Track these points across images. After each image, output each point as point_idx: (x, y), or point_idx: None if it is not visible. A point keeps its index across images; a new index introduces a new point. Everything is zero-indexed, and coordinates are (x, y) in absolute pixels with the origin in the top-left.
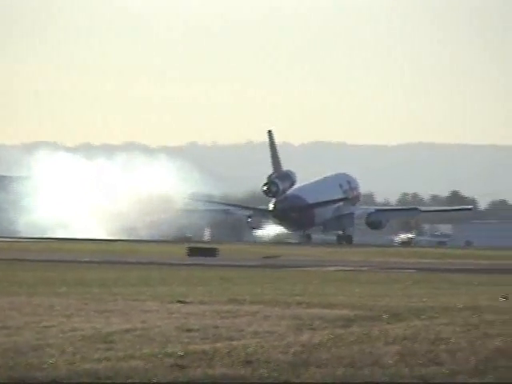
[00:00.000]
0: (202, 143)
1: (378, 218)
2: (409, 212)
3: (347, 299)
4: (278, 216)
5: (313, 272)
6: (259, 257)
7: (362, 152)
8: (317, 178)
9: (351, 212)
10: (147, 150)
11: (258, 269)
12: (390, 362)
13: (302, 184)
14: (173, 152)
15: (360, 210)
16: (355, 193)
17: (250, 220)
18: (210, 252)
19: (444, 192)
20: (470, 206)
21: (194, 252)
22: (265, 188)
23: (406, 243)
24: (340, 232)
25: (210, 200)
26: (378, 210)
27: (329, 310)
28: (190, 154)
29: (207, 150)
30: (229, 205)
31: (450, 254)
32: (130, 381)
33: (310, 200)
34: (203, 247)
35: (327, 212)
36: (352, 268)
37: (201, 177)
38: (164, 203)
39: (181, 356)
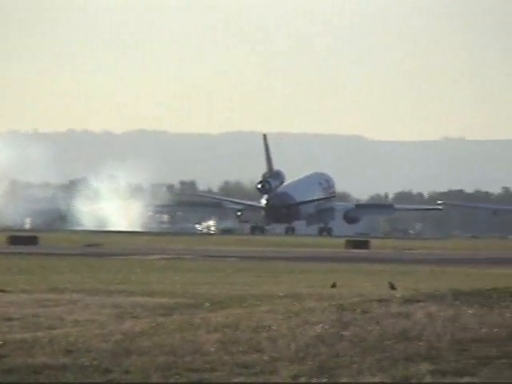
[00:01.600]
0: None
1: (355, 214)
2: (384, 209)
3: (169, 287)
4: (270, 210)
5: (135, 260)
6: (81, 245)
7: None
8: (300, 177)
9: (331, 207)
10: None
11: (79, 257)
12: (212, 349)
13: (288, 182)
14: None
15: (340, 206)
16: (331, 190)
17: (239, 214)
18: (31, 240)
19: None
20: (440, 207)
21: (14, 240)
22: (259, 186)
23: (227, 231)
24: (321, 225)
25: (204, 194)
26: (357, 206)
27: (150, 299)
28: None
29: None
30: (222, 199)
31: (271, 242)
32: None
33: (297, 197)
34: (24, 236)
35: (310, 207)
36: (175, 256)
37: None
38: None
39: (0, 345)
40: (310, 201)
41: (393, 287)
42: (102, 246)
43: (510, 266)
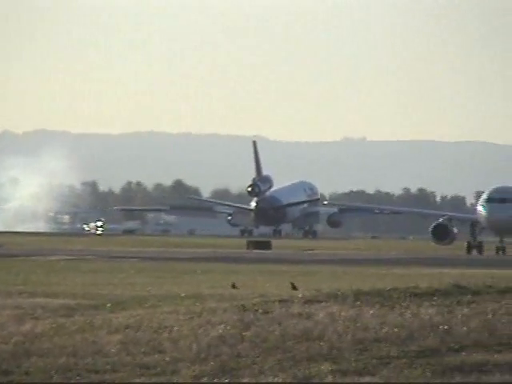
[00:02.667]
0: None
1: (339, 218)
2: (365, 212)
3: (70, 288)
4: (259, 213)
5: (36, 261)
6: None
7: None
8: (286, 184)
9: (317, 211)
10: None
11: None
12: (113, 350)
13: (277, 188)
14: None
15: (324, 209)
16: (315, 197)
17: (230, 218)
18: None
19: (168, 181)
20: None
21: None
22: (249, 189)
23: (130, 231)
24: (306, 227)
25: (194, 197)
26: (340, 210)
27: (51, 300)
28: None
29: None
30: (213, 202)
31: (173, 243)
32: None
33: (284, 201)
34: None
35: (296, 211)
36: (75, 257)
37: None
38: None
39: None
40: (296, 203)
41: (294, 287)
42: (1, 246)
43: (410, 267)
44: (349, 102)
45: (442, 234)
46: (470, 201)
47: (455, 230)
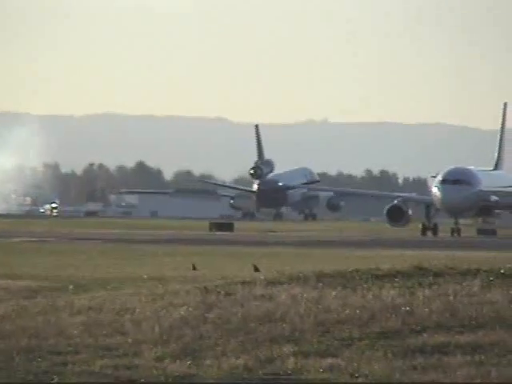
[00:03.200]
0: None
1: (337, 201)
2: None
3: (32, 270)
4: (261, 195)
5: None
6: None
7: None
8: (287, 169)
9: (316, 195)
10: None
11: None
12: (75, 332)
13: (277, 172)
14: None
15: (324, 194)
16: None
17: (232, 202)
18: None
19: (130, 163)
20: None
21: None
22: (252, 171)
23: (92, 213)
24: (306, 211)
25: (205, 180)
26: (337, 194)
27: (13, 282)
28: None
29: None
30: (218, 185)
31: (135, 225)
32: None
33: (285, 183)
34: None
35: (296, 195)
36: (37, 239)
37: None
38: None
39: None
40: (297, 186)
41: (256, 269)
42: None
43: (372, 248)
44: (311, 85)
45: (396, 215)
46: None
47: (410, 212)
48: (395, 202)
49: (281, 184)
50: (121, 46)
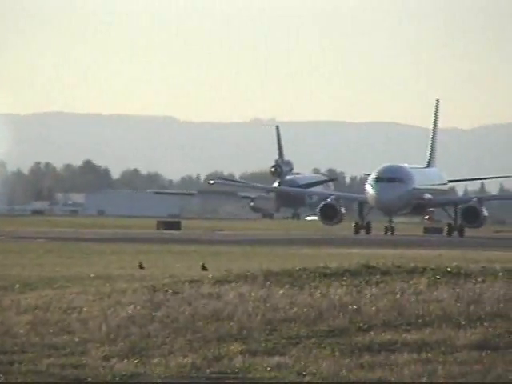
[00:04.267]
0: None
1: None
2: None
3: None
4: (280, 194)
5: None
6: None
7: None
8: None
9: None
10: None
11: None
12: (22, 331)
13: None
14: None
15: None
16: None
17: (252, 204)
18: None
19: (77, 162)
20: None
21: None
22: (272, 169)
23: (38, 212)
24: None
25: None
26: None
27: None
28: None
29: None
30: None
31: (82, 223)
32: None
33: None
34: None
35: (314, 196)
36: None
37: None
38: None
39: None
40: (314, 183)
41: (204, 268)
42: None
43: (320, 247)
44: (258, 83)
45: (329, 213)
46: None
47: (343, 210)
48: (328, 200)
49: (300, 184)
50: (67, 45)
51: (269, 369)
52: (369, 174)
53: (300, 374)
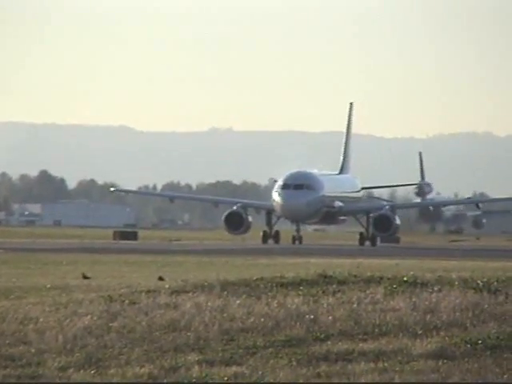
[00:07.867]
0: None
1: None
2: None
3: None
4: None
5: None
6: None
7: None
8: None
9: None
10: None
11: None
12: None
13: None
14: None
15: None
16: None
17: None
18: None
19: (33, 171)
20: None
21: None
22: (416, 190)
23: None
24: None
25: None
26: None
27: None
28: None
29: None
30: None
31: (39, 234)
32: None
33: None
34: None
35: (447, 213)
36: None
37: None
38: None
39: None
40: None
41: (161, 278)
42: None
43: (277, 256)
44: (215, 93)
45: (235, 222)
46: None
47: (250, 219)
48: (234, 207)
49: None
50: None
51: (226, 379)
52: (276, 180)
53: None
